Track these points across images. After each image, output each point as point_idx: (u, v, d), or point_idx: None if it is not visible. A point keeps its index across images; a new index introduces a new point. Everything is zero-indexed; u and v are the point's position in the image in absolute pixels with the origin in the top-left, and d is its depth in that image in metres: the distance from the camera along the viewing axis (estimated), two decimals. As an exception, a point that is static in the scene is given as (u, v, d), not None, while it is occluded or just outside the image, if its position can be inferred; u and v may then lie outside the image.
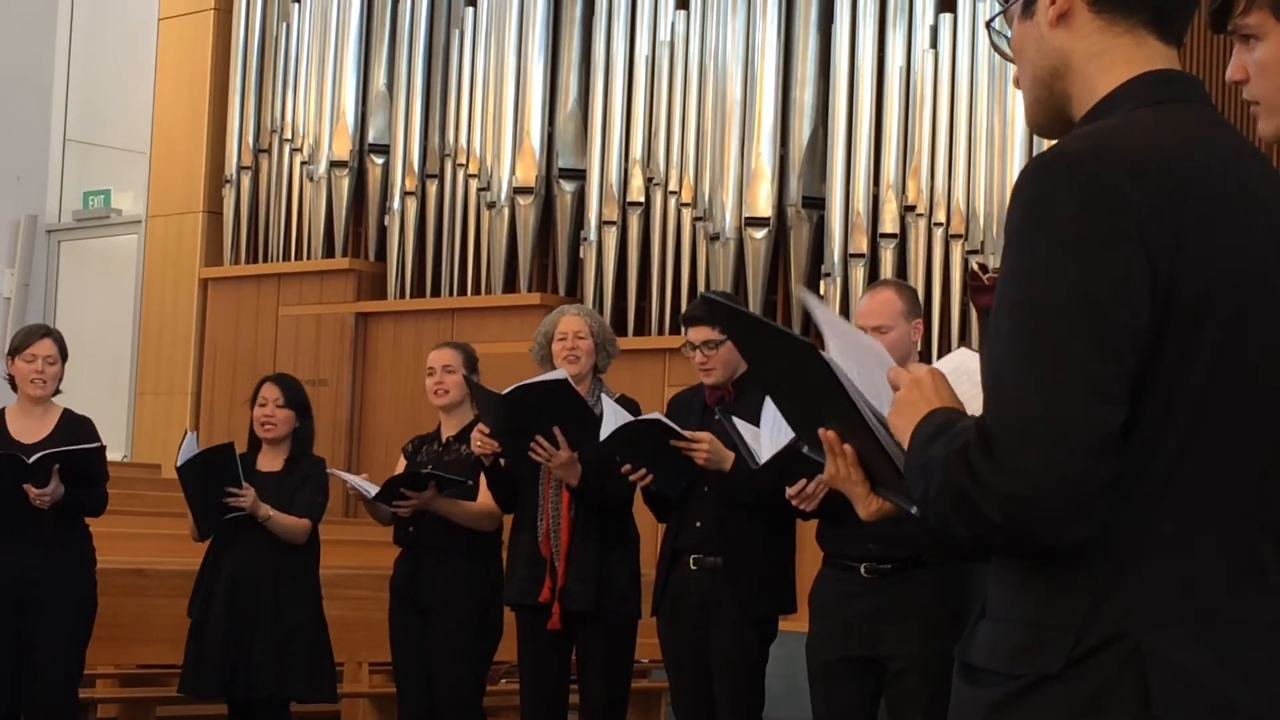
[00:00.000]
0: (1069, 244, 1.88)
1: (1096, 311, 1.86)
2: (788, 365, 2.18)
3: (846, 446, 2.08)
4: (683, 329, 5.87)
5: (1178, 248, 1.89)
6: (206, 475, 6.28)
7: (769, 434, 5.11)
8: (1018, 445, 1.85)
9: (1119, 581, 1.89)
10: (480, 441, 5.93)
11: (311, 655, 6.38)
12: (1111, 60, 2.05)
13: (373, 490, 6.20)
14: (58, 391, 6.53)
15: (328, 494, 6.55)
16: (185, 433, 6.65)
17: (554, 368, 5.97)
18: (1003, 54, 2.19)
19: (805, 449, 2.18)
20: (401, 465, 6.54)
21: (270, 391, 6.57)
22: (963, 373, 2.14)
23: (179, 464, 6.29)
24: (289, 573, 6.38)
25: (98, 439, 6.46)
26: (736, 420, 5.18)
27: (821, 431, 2.10)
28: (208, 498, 6.29)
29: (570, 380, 5.75)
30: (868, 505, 2.10)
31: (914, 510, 2.00)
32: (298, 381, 6.75)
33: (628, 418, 5.59)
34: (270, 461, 6.54)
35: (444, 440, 6.47)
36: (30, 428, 6.43)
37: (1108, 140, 1.95)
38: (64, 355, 6.54)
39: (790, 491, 5.22)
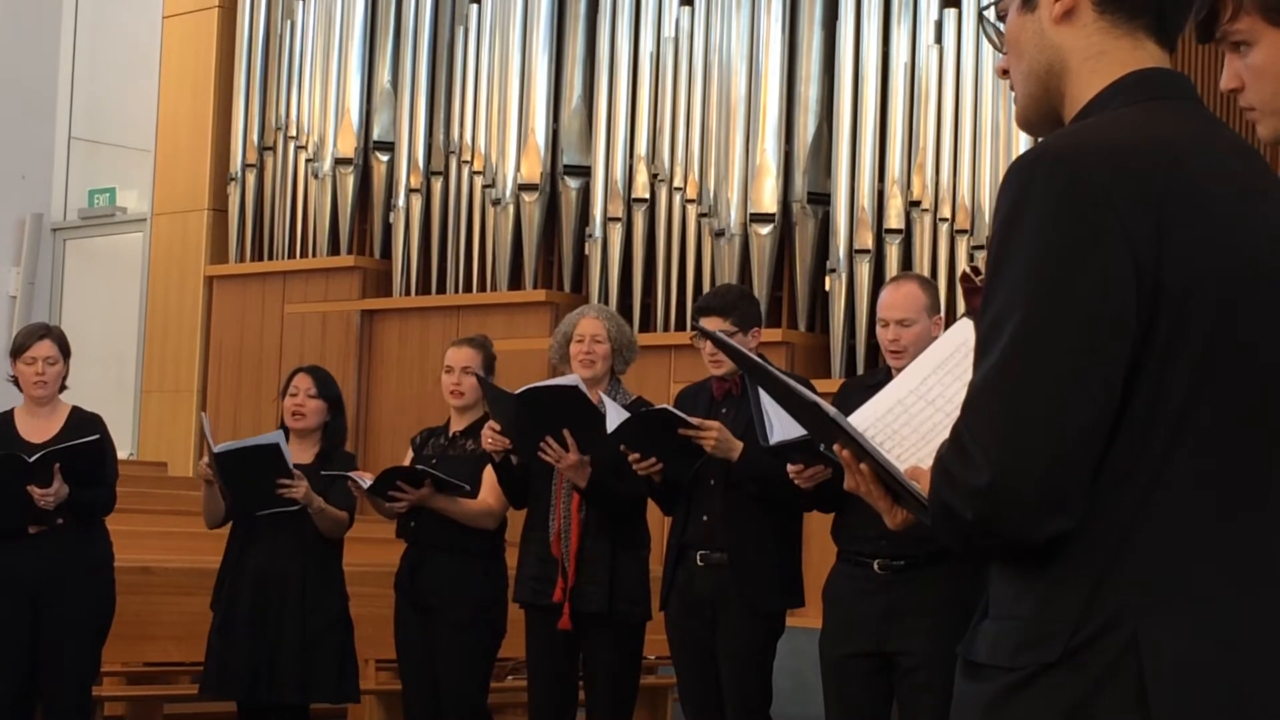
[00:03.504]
0: (1049, 242, 1.88)
1: (1076, 308, 1.86)
2: (802, 414, 2.20)
3: (863, 466, 2.09)
4: (691, 320, 5.86)
5: (1161, 242, 1.89)
6: (248, 465, 6.14)
7: (788, 418, 5.04)
8: (986, 440, 1.86)
9: (1117, 571, 1.89)
10: (491, 439, 5.94)
11: (338, 658, 6.28)
12: (1108, 62, 2.05)
13: (367, 483, 6.15)
14: (64, 388, 6.50)
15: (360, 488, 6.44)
16: (201, 418, 6.58)
17: (571, 369, 5.99)
18: (994, 44, 2.19)
19: (822, 447, 2.20)
20: (409, 457, 6.53)
21: (303, 382, 6.53)
22: (968, 350, 2.12)
23: (215, 450, 6.14)
24: (316, 569, 6.27)
25: (107, 436, 6.41)
26: (762, 391, 5.02)
27: (836, 448, 2.11)
28: (246, 485, 6.15)
29: (582, 387, 5.76)
30: (893, 517, 2.11)
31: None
32: (330, 375, 6.69)
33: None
34: (300, 454, 6.41)
35: (451, 435, 6.46)
36: (38, 427, 6.41)
37: (1091, 136, 1.95)
38: (65, 353, 6.48)
39: (791, 469, 5.24)
